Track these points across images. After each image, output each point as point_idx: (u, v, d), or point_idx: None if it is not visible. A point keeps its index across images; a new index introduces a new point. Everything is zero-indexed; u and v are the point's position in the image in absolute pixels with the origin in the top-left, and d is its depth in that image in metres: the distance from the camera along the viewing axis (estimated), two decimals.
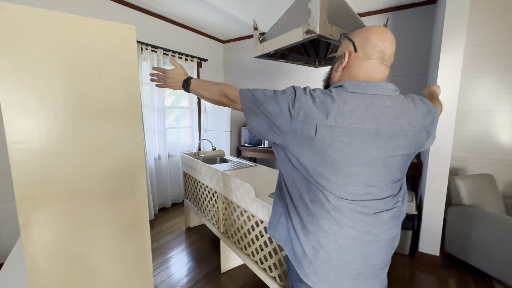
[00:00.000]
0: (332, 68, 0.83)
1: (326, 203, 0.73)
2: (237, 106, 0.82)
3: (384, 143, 0.70)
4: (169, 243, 2.53)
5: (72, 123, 0.78)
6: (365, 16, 2.99)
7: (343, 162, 0.70)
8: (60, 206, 0.77)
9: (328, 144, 0.68)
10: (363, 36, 0.74)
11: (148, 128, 3.10)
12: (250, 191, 1.54)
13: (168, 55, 3.25)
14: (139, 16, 2.93)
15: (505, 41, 2.41)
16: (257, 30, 1.46)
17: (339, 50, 0.82)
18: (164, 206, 3.38)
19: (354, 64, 0.75)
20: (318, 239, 0.75)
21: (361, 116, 0.67)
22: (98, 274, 0.87)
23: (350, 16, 1.29)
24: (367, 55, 0.73)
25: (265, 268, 1.51)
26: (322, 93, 0.70)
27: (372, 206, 0.74)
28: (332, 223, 0.74)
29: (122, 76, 0.85)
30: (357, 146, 0.68)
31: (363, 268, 0.77)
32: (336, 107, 0.67)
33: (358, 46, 0.74)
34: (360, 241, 0.75)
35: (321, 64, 1.77)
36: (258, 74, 4.01)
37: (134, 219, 0.92)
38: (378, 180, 0.74)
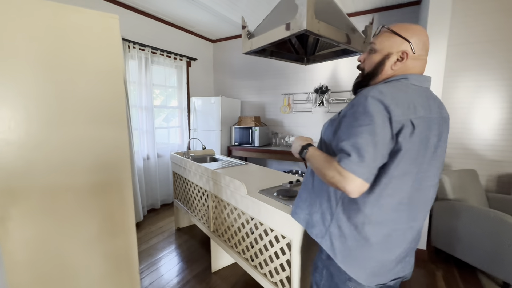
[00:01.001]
0: (380, 67, 0.83)
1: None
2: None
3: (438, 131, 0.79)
4: (159, 244, 2.49)
5: (53, 115, 0.75)
6: (352, 16, 3.05)
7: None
8: (41, 200, 0.74)
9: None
10: (418, 39, 0.79)
11: (136, 128, 3.04)
12: (240, 188, 1.53)
13: (156, 53, 3.21)
14: (126, 14, 2.88)
15: (487, 41, 2.50)
16: (246, 28, 1.46)
17: (383, 45, 0.82)
18: (153, 207, 3.32)
19: (409, 62, 0.80)
20: (381, 231, 0.79)
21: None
22: (82, 272, 0.84)
23: (337, 13, 1.31)
24: (421, 56, 0.80)
25: (255, 266, 1.50)
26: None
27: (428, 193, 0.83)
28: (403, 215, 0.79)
29: (106, 67, 0.83)
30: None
31: (409, 251, 0.86)
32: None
33: (416, 48, 0.79)
34: (411, 228, 0.82)
35: (309, 61, 1.79)
36: (248, 73, 4.01)
37: (119, 215, 0.89)
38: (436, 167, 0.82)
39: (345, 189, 0.72)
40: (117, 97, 0.87)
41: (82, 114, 0.82)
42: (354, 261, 0.82)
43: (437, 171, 0.82)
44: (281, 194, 1.42)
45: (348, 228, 0.81)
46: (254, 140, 3.51)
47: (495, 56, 2.48)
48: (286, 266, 1.27)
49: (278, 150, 3.27)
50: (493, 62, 2.49)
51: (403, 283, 1.89)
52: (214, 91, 4.43)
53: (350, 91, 3.18)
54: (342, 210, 0.83)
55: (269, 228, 1.35)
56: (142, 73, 3.02)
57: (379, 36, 0.85)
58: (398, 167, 0.74)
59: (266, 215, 1.35)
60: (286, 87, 3.68)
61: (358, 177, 0.70)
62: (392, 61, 0.81)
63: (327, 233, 0.87)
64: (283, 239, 1.26)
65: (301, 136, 0.99)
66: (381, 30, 0.84)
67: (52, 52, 0.76)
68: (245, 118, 3.71)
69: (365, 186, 0.72)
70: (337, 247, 0.84)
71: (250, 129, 3.52)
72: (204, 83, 4.21)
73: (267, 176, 1.92)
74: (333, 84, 3.30)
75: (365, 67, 0.88)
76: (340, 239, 0.83)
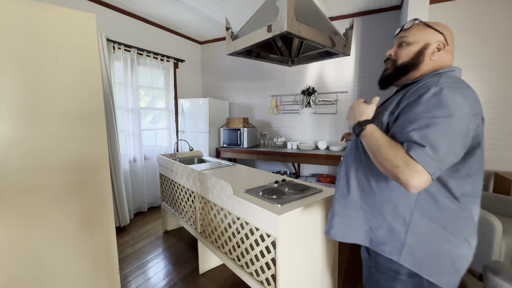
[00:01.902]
0: (422, 54, 0.81)
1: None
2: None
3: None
4: (145, 247, 2.45)
5: (26, 113, 0.74)
6: (337, 19, 3.13)
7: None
8: (14, 200, 0.72)
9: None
10: (449, 32, 0.81)
11: (122, 130, 2.99)
12: (226, 188, 1.53)
13: (142, 54, 3.18)
14: (110, 14, 2.84)
15: (466, 45, 2.62)
16: (230, 29, 1.48)
17: (418, 36, 0.82)
18: (140, 210, 3.27)
19: (443, 55, 0.81)
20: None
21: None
22: (58, 272, 0.83)
23: (318, 16, 1.34)
24: (452, 49, 0.82)
25: (242, 265, 1.50)
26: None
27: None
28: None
29: (82, 66, 0.82)
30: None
31: None
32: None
33: (449, 41, 0.80)
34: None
35: (294, 63, 1.82)
36: (236, 75, 4.03)
37: (98, 214, 0.88)
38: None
39: (407, 182, 0.65)
40: (94, 95, 0.86)
41: (56, 112, 0.80)
42: (447, 268, 0.74)
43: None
44: (266, 193, 1.44)
45: (433, 231, 0.74)
46: (243, 142, 3.52)
47: (471, 58, 2.61)
48: (271, 264, 1.28)
49: (266, 151, 3.30)
50: (470, 64, 2.62)
51: None
52: (202, 92, 4.41)
53: (335, 93, 3.26)
54: (421, 215, 0.75)
55: (254, 227, 1.36)
56: (128, 75, 2.98)
57: (411, 29, 0.83)
58: (477, 161, 0.72)
59: (251, 214, 1.36)
60: (274, 88, 3.72)
61: (428, 171, 0.64)
62: (431, 50, 0.80)
63: (404, 247, 0.76)
64: (268, 237, 1.27)
65: (359, 104, 0.85)
66: (414, 24, 0.84)
67: (25, 49, 0.75)
68: (233, 120, 3.72)
69: (429, 182, 0.66)
70: (422, 259, 0.75)
71: (239, 131, 3.53)
72: (192, 84, 4.20)
73: (254, 176, 1.94)
74: (319, 86, 3.37)
75: (398, 59, 0.85)
76: (426, 248, 0.75)
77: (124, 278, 1.98)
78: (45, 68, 0.78)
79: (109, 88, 2.60)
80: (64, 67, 0.80)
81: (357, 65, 3.13)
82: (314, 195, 1.46)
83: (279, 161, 3.33)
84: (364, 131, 0.78)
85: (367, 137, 0.77)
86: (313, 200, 1.38)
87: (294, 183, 1.68)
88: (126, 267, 2.12)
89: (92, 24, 0.82)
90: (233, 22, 3.09)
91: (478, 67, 2.59)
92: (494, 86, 2.55)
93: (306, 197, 1.41)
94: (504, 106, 2.53)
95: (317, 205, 1.38)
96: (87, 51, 0.84)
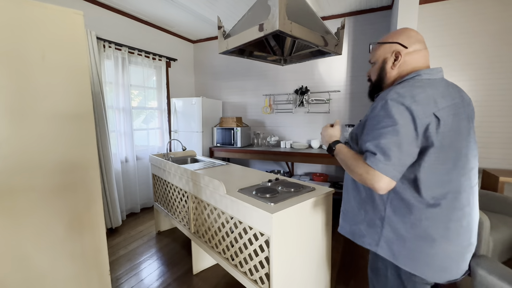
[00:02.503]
0: (382, 73, 0.92)
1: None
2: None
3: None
4: (138, 248, 2.42)
5: (12, 113, 0.72)
6: (329, 19, 3.15)
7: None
8: (1, 202, 0.70)
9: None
10: (405, 36, 0.88)
11: (113, 130, 2.95)
12: (219, 187, 1.53)
13: (134, 53, 3.13)
14: (101, 12, 2.79)
15: (452, 44, 2.67)
16: (222, 28, 1.47)
17: (376, 56, 0.94)
18: (133, 211, 3.23)
19: (408, 58, 0.87)
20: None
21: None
22: (47, 274, 0.81)
23: (310, 15, 1.35)
24: (415, 49, 0.87)
25: (236, 265, 1.50)
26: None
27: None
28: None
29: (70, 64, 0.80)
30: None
31: (472, 243, 0.86)
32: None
33: (407, 43, 0.87)
34: (468, 215, 0.83)
35: (287, 62, 1.83)
36: (229, 74, 4.01)
37: (87, 215, 0.86)
38: None
39: (373, 186, 0.76)
40: (82, 94, 0.85)
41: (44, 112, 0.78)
42: (418, 261, 0.81)
43: (475, 153, 0.84)
44: (259, 192, 1.44)
45: (404, 229, 0.81)
46: (236, 141, 3.51)
47: (459, 58, 2.66)
48: (265, 263, 1.28)
49: (260, 150, 3.30)
50: (458, 64, 2.67)
51: None
52: (195, 92, 4.38)
53: (328, 92, 3.28)
54: (392, 212, 0.84)
55: (248, 226, 1.36)
56: (119, 74, 2.94)
57: (372, 51, 0.97)
58: (437, 160, 0.77)
59: (244, 213, 1.36)
60: (267, 88, 3.72)
61: (386, 175, 0.74)
62: (390, 63, 0.90)
63: (381, 239, 0.86)
64: (262, 236, 1.27)
65: (326, 129, 1.03)
66: (372, 46, 0.97)
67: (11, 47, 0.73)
68: (226, 119, 3.70)
69: (393, 183, 0.76)
70: (396, 251, 0.84)
71: (232, 130, 3.52)
72: (185, 84, 4.16)
73: (247, 176, 1.94)
74: (312, 85, 3.39)
75: (372, 78, 0.99)
76: (398, 242, 0.83)
77: (117, 280, 1.95)
78: (32, 67, 0.76)
79: (99, 87, 2.56)
80: (51, 65, 0.78)
81: (349, 64, 3.16)
82: (307, 193, 1.47)
83: (273, 160, 3.34)
84: (335, 151, 0.94)
85: (337, 155, 0.92)
86: (307, 198, 1.38)
87: (287, 182, 1.69)
88: (119, 269, 2.09)
89: (80, 21, 0.80)
90: (225, 21, 3.08)
91: (467, 66, 2.64)
92: (481, 85, 2.61)
93: (300, 196, 1.42)
94: (491, 104, 2.59)
95: (311, 203, 1.39)
96: (75, 49, 0.82)
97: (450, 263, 0.82)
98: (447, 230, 0.79)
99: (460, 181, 0.80)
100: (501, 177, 2.28)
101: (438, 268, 0.81)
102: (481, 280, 0.95)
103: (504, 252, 1.94)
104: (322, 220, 1.50)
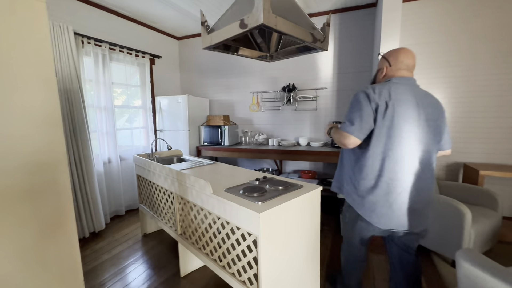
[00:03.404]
0: (376, 77, 1.37)
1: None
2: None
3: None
4: (123, 252, 2.34)
5: None
6: (316, 16, 3.14)
7: None
8: None
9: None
10: (394, 55, 1.26)
11: (94, 130, 2.83)
12: (205, 187, 1.49)
13: (115, 50, 3.01)
14: (79, 6, 2.66)
15: (434, 42, 2.73)
16: (205, 22, 1.42)
17: (379, 65, 1.36)
18: (117, 213, 3.12)
19: (390, 72, 1.28)
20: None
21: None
22: (15, 286, 0.74)
23: (295, 9, 1.32)
24: (398, 68, 1.25)
25: (224, 266, 1.47)
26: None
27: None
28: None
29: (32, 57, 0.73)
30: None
31: (411, 208, 1.22)
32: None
33: (392, 63, 1.26)
34: (401, 185, 1.20)
35: (273, 58, 1.80)
36: (216, 71, 3.95)
37: (57, 219, 0.80)
38: None
39: (344, 142, 1.19)
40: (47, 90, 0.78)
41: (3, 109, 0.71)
42: (363, 207, 1.23)
43: (426, 139, 1.17)
44: (247, 191, 1.41)
45: (356, 185, 1.25)
46: (224, 139, 3.46)
47: (441, 55, 2.73)
48: (253, 263, 1.26)
49: (248, 149, 3.27)
50: (441, 61, 2.74)
51: (365, 269, 1.99)
52: (181, 90, 4.29)
53: (315, 89, 3.29)
54: (353, 174, 1.28)
55: (235, 226, 1.33)
56: (100, 71, 2.82)
57: (380, 60, 1.37)
58: (379, 133, 1.15)
59: (231, 213, 1.33)
60: (254, 85, 3.68)
61: (351, 135, 1.16)
62: (380, 72, 1.34)
63: (348, 191, 1.33)
64: (249, 236, 1.24)
65: (330, 124, 1.53)
66: (379, 56, 1.37)
67: None
68: (213, 117, 3.65)
69: (357, 141, 1.17)
70: (355, 200, 1.28)
71: (219, 128, 3.47)
72: (170, 81, 4.06)
73: (235, 175, 1.90)
74: (299, 82, 3.38)
75: (374, 77, 1.42)
76: (354, 195, 1.28)
77: (101, 285, 1.87)
78: None
79: (78, 85, 2.44)
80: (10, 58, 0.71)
81: (336, 61, 3.18)
82: (295, 191, 1.45)
83: (261, 158, 3.32)
84: (331, 132, 1.42)
85: (332, 134, 1.40)
86: (295, 196, 1.37)
87: (275, 180, 1.66)
88: (103, 274, 2.01)
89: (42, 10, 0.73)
90: (210, 16, 3.01)
91: (447, 64, 2.72)
92: (462, 82, 2.69)
93: (288, 194, 1.40)
94: (471, 100, 2.68)
95: (299, 201, 1.37)
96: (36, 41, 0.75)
97: (385, 215, 1.19)
98: (376, 188, 1.19)
99: (395, 152, 1.15)
100: (481, 171, 2.36)
101: (376, 215, 1.20)
102: (465, 272, 0.96)
103: (484, 243, 2.01)
104: (311, 218, 1.49)
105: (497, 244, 2.19)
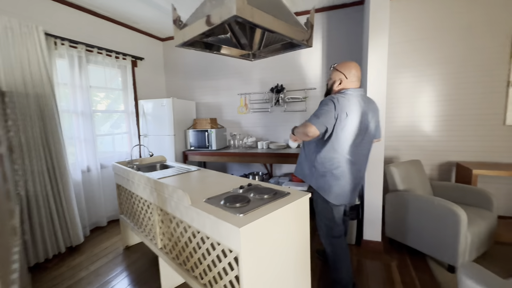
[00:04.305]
0: (332, 87, 1.59)
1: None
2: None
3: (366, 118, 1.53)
4: (102, 268, 2.17)
5: None
6: (303, 15, 3.05)
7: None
8: None
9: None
10: (348, 69, 1.52)
11: (71, 137, 2.65)
12: (183, 198, 1.35)
13: (93, 51, 2.84)
14: (51, 6, 2.49)
15: (424, 38, 2.68)
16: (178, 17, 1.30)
17: (332, 76, 1.59)
18: (98, 225, 2.94)
19: (345, 83, 1.53)
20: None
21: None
22: None
23: (274, 1, 1.21)
24: (351, 80, 1.52)
25: (205, 284, 1.33)
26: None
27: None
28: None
29: None
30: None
31: (356, 186, 1.62)
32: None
33: (348, 76, 1.52)
34: (356, 171, 1.58)
35: (255, 57, 1.68)
36: (202, 73, 3.81)
37: None
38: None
39: (306, 130, 1.40)
40: None
41: None
42: (324, 189, 1.55)
43: (367, 137, 1.55)
44: (228, 202, 1.28)
45: (317, 171, 1.56)
46: (211, 143, 3.33)
47: (431, 52, 2.67)
48: (235, 282, 1.13)
49: (237, 153, 3.14)
50: (430, 58, 2.68)
51: (361, 276, 1.88)
52: (167, 92, 4.13)
53: (304, 90, 3.20)
54: (315, 161, 1.56)
55: (215, 241, 1.20)
56: (76, 74, 2.65)
57: (332, 71, 1.60)
58: (338, 134, 1.45)
59: (211, 227, 1.20)
60: (242, 87, 3.57)
61: (314, 125, 1.39)
62: (337, 83, 1.56)
63: (311, 177, 1.61)
64: (230, 253, 1.12)
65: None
66: (332, 68, 1.61)
67: None
68: (200, 121, 3.51)
69: (317, 132, 1.39)
70: (319, 183, 1.57)
71: (206, 132, 3.33)
72: (155, 84, 3.90)
73: (220, 182, 1.77)
74: (288, 83, 3.28)
75: (328, 86, 1.65)
76: (317, 179, 1.58)
77: None
78: None
79: (50, 89, 2.27)
80: None
81: (324, 61, 3.09)
82: (282, 199, 1.33)
83: (250, 162, 3.20)
84: (294, 130, 1.65)
85: (295, 131, 1.62)
86: (281, 205, 1.25)
87: (260, 187, 1.54)
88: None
89: None
90: None
91: (437, 61, 2.66)
92: (452, 79, 2.64)
93: (273, 202, 1.28)
94: (462, 98, 2.63)
95: (285, 210, 1.26)
96: None
97: (342, 194, 1.54)
98: (335, 174, 1.52)
99: (344, 150, 1.48)
100: (474, 170, 2.30)
101: (334, 196, 1.54)
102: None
103: (481, 246, 1.94)
104: (299, 227, 1.37)
105: (494, 246, 2.12)
